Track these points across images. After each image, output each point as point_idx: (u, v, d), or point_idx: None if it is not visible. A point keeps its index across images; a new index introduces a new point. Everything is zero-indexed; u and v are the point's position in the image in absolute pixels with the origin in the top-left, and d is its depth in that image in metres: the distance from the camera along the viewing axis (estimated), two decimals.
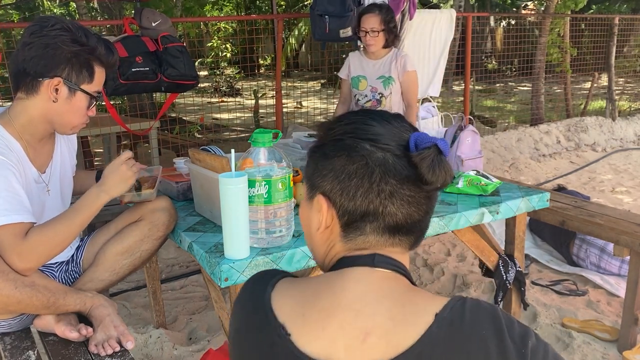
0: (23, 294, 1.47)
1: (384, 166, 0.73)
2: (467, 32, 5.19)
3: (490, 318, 0.68)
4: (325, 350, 0.69)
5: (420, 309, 0.69)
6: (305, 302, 0.74)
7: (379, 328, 0.68)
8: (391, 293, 0.71)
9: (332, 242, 0.80)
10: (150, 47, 3.18)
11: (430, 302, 0.70)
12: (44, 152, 1.68)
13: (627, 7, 12.17)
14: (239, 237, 1.50)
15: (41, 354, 1.55)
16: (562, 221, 2.64)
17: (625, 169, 5.70)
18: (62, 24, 1.52)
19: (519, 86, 11.18)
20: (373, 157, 0.73)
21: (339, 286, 0.73)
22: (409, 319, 0.68)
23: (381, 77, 3.09)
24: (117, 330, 1.54)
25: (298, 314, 0.72)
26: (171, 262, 3.42)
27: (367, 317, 0.69)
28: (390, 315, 0.68)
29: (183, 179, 2.10)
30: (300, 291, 0.76)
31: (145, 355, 2.33)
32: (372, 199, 0.74)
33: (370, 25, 2.94)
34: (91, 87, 1.58)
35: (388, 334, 0.67)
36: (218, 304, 1.86)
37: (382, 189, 0.73)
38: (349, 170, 0.74)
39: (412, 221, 0.76)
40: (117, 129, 4.13)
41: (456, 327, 0.66)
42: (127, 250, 1.73)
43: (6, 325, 1.62)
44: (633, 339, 2.35)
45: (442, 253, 3.52)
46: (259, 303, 0.76)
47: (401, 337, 0.67)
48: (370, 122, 0.77)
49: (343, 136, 0.77)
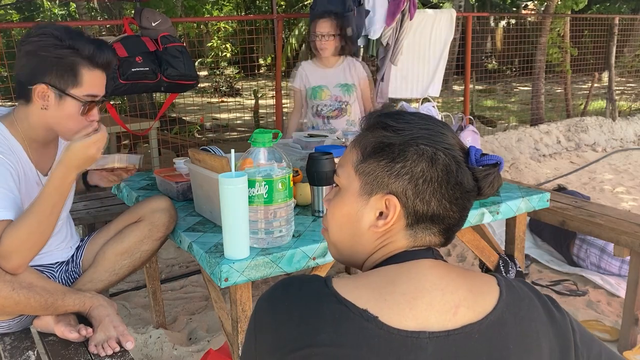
0: (21, 296, 1.46)
1: (457, 177, 0.81)
2: (467, 32, 5.19)
3: (524, 284, 0.84)
4: (419, 325, 0.73)
5: (484, 282, 0.80)
6: (381, 289, 0.76)
7: (465, 300, 0.76)
8: (459, 273, 0.80)
9: (389, 239, 0.84)
10: (150, 47, 3.18)
11: (487, 277, 0.82)
12: (46, 155, 1.68)
13: (627, 7, 12.17)
14: (238, 237, 1.50)
15: (41, 354, 1.55)
16: (562, 221, 2.64)
17: (626, 169, 5.70)
18: (48, 30, 1.50)
19: (519, 86, 11.17)
20: (450, 167, 0.81)
21: (415, 272, 0.78)
22: (482, 289, 0.79)
23: (341, 85, 3.02)
24: (117, 331, 1.54)
25: (379, 299, 0.74)
26: (171, 262, 3.42)
27: (452, 294, 0.76)
28: (469, 288, 0.78)
29: (183, 179, 2.10)
30: (370, 282, 0.78)
31: (145, 355, 2.33)
32: (445, 204, 0.82)
33: (323, 29, 2.87)
34: (81, 90, 1.54)
35: (473, 303, 0.76)
36: (218, 304, 1.86)
37: (452, 196, 0.82)
38: (429, 176, 0.80)
39: (460, 223, 0.86)
40: (117, 129, 4.13)
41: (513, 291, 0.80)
42: (127, 250, 1.73)
43: (5, 326, 1.62)
44: (633, 339, 2.35)
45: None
46: (330, 294, 0.75)
47: (483, 304, 0.77)
48: (443, 131, 0.83)
49: (420, 141, 0.81)
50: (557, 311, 0.82)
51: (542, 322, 0.79)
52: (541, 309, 0.81)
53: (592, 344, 0.84)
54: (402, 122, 0.83)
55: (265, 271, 1.55)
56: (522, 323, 0.77)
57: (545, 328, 0.79)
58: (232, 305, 1.65)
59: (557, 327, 0.80)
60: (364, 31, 3.80)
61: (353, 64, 3.04)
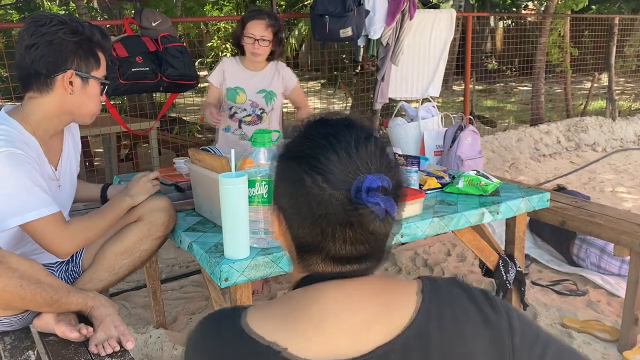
0: (27, 291, 1.47)
1: (329, 208, 0.71)
2: (467, 32, 5.19)
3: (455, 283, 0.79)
4: (330, 352, 0.70)
5: (403, 292, 0.75)
6: (289, 317, 0.73)
7: (377, 317, 0.72)
8: (372, 288, 0.75)
9: (294, 259, 0.80)
10: (150, 47, 3.18)
11: (407, 285, 0.77)
12: (54, 148, 1.70)
13: (627, 7, 12.17)
14: (239, 237, 1.50)
15: (41, 354, 1.55)
16: (562, 221, 2.64)
17: (626, 169, 5.70)
18: (57, 19, 1.56)
19: (519, 86, 11.17)
20: (320, 195, 0.71)
21: (321, 295, 0.74)
22: (399, 301, 0.74)
23: (262, 91, 2.75)
24: (118, 330, 1.54)
25: (287, 328, 0.71)
26: (171, 262, 3.42)
27: (361, 312, 0.72)
28: (382, 303, 0.73)
29: (183, 179, 2.10)
30: (279, 310, 0.75)
31: (145, 355, 2.33)
32: (315, 235, 0.74)
33: (260, 32, 2.60)
34: (99, 72, 1.65)
35: (387, 319, 0.72)
36: (218, 304, 1.86)
37: (323, 228, 0.73)
38: (297, 201, 0.74)
39: (359, 255, 0.75)
40: (117, 129, 4.13)
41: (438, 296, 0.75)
42: (127, 250, 1.74)
43: (7, 323, 1.62)
44: (633, 339, 2.35)
45: (442, 253, 3.52)
46: (236, 333, 0.73)
47: (398, 318, 0.72)
48: (329, 155, 0.72)
49: (299, 162, 0.74)
50: (493, 311, 0.76)
51: (473, 326, 0.74)
52: (473, 312, 0.75)
53: (535, 345, 0.77)
54: (292, 137, 0.77)
55: (265, 271, 1.55)
56: (447, 331, 0.72)
57: (477, 332, 0.74)
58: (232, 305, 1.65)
59: (492, 329, 0.75)
60: (364, 31, 3.81)
61: (282, 70, 2.80)
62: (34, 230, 1.54)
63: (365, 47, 3.97)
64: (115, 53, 3.05)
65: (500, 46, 14.49)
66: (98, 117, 1.82)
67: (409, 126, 3.52)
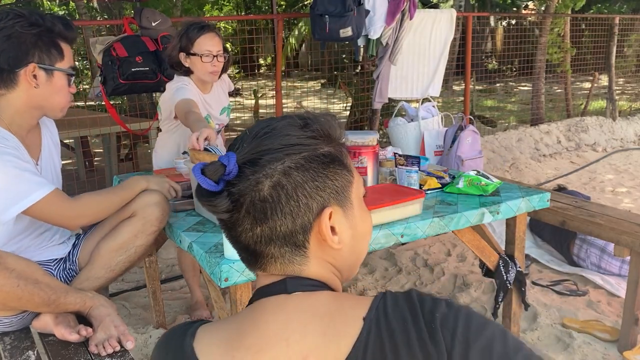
0: (24, 291, 1.47)
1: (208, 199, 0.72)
2: (467, 32, 5.18)
3: (407, 305, 0.68)
4: None
5: (349, 317, 0.68)
6: (231, 343, 0.70)
7: (315, 348, 0.67)
8: (314, 312, 0.69)
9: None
10: (150, 47, 3.18)
11: (357, 307, 0.69)
12: (33, 144, 1.69)
13: (627, 7, 12.17)
14: None
15: (41, 354, 1.55)
16: (563, 221, 2.64)
17: (626, 169, 5.70)
18: (14, 12, 1.54)
19: (519, 86, 11.17)
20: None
21: (261, 320, 0.70)
22: (340, 330, 0.67)
23: (223, 110, 2.54)
24: (118, 330, 1.54)
25: (229, 354, 0.69)
26: (171, 262, 3.42)
27: (299, 343, 0.67)
28: (322, 331, 0.67)
29: (183, 179, 2.10)
30: (224, 333, 0.73)
31: (145, 355, 2.33)
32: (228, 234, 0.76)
33: (216, 46, 2.29)
34: (64, 64, 1.62)
35: (324, 351, 0.66)
36: (218, 304, 1.86)
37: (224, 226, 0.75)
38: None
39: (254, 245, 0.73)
40: (117, 129, 4.13)
41: (383, 325, 0.66)
42: (122, 246, 1.73)
43: (7, 323, 1.62)
44: (633, 339, 2.35)
45: (443, 253, 3.52)
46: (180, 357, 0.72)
47: (336, 350, 0.66)
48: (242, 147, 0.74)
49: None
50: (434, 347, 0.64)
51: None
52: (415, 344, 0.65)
53: None
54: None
55: None
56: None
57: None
58: (232, 305, 1.64)
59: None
60: (364, 31, 3.80)
61: (223, 80, 2.55)
62: (37, 213, 1.54)
63: (365, 46, 3.97)
64: (115, 53, 3.05)
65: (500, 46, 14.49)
66: (98, 117, 1.82)
67: (409, 126, 3.52)
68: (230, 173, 0.70)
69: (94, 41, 3.25)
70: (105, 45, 3.10)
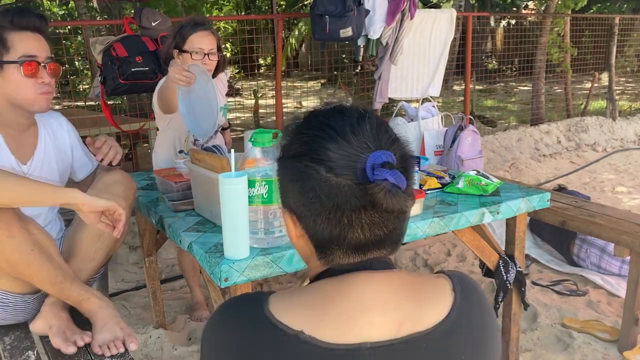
0: (36, 259, 1.46)
1: (339, 197, 0.71)
2: (467, 32, 5.18)
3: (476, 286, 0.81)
4: (359, 338, 0.70)
5: (436, 288, 0.76)
6: (315, 309, 0.72)
7: (410, 314, 0.72)
8: (403, 284, 0.75)
9: (311, 255, 0.80)
10: (150, 47, 3.18)
11: (438, 280, 0.78)
12: (26, 144, 1.69)
13: (628, 7, 12.17)
14: (238, 237, 1.50)
15: (41, 354, 1.55)
16: (563, 221, 2.64)
17: (626, 169, 5.70)
18: None
19: (519, 86, 11.17)
20: (328, 186, 0.71)
21: (353, 289, 0.73)
22: (432, 298, 0.74)
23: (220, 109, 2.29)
24: (124, 332, 1.54)
25: (314, 320, 0.71)
26: (171, 262, 3.42)
27: (395, 310, 0.72)
28: (415, 299, 0.73)
29: (183, 179, 2.10)
30: (306, 300, 0.74)
31: (145, 355, 2.33)
32: (332, 227, 0.73)
33: (209, 45, 2.26)
34: (14, 55, 1.57)
35: (420, 317, 0.72)
36: (218, 304, 1.86)
37: (339, 219, 0.72)
38: (307, 197, 0.73)
39: (378, 239, 0.75)
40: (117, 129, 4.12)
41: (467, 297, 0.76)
42: (96, 233, 1.71)
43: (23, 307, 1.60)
44: (633, 339, 2.35)
45: (443, 253, 3.52)
46: (261, 320, 0.72)
47: (432, 315, 0.72)
48: (326, 144, 0.72)
49: (299, 158, 0.74)
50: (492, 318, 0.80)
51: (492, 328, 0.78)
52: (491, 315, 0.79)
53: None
54: (289, 135, 0.77)
55: (265, 271, 1.55)
56: (475, 330, 0.75)
57: (494, 334, 0.78)
58: None
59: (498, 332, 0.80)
60: (364, 31, 3.80)
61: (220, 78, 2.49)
62: None
63: (365, 47, 3.97)
64: (115, 53, 3.05)
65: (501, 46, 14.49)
66: (98, 117, 1.80)
67: (409, 126, 3.52)
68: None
69: (93, 41, 3.25)
70: (105, 45, 3.10)
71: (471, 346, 0.73)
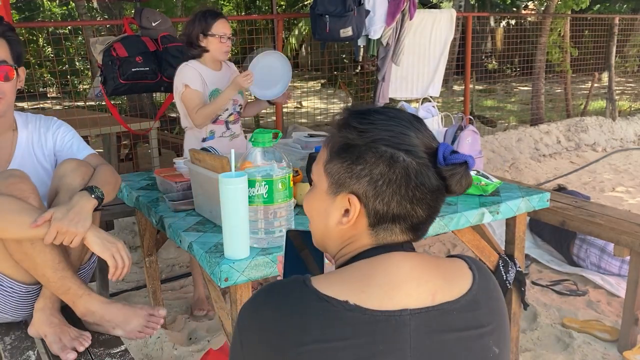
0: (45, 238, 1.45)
1: (419, 178, 0.82)
2: (467, 32, 5.19)
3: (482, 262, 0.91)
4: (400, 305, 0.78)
5: (457, 268, 0.86)
6: (358, 283, 0.79)
7: (440, 287, 0.81)
8: (430, 263, 0.84)
9: (356, 237, 0.86)
10: (150, 47, 3.19)
11: (457, 261, 0.88)
12: (2, 149, 1.68)
13: (628, 7, 12.17)
14: (239, 237, 1.50)
15: (41, 354, 1.55)
16: (563, 221, 2.64)
17: (626, 169, 5.70)
18: None
19: (519, 86, 11.17)
20: (411, 168, 0.81)
21: (389, 265, 0.82)
22: (455, 274, 0.85)
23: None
24: (144, 309, 1.59)
25: (357, 292, 0.78)
26: (171, 262, 3.42)
27: (428, 283, 0.81)
28: (442, 276, 0.83)
29: (183, 179, 2.10)
30: (346, 277, 0.81)
31: (145, 355, 2.33)
32: (405, 205, 0.83)
33: (227, 30, 2.63)
34: None
35: (449, 290, 0.82)
36: (218, 303, 1.86)
37: (414, 197, 0.82)
38: (387, 178, 0.81)
39: (429, 220, 0.87)
40: (117, 129, 4.12)
41: (483, 274, 0.87)
42: None
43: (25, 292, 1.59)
44: (633, 339, 2.35)
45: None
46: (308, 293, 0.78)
47: (458, 288, 0.83)
48: (406, 131, 0.83)
49: (381, 143, 0.82)
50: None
51: (503, 300, 0.89)
52: (500, 290, 0.90)
53: None
54: (365, 123, 0.84)
55: (265, 271, 1.55)
56: (492, 302, 0.86)
57: (504, 304, 0.89)
58: (232, 305, 1.64)
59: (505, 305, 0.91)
60: (364, 31, 3.81)
61: (230, 65, 2.81)
62: None
63: (365, 47, 3.97)
64: (115, 53, 3.05)
65: (500, 46, 14.49)
66: (98, 117, 1.79)
67: None
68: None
69: (94, 41, 3.25)
70: (106, 46, 3.10)
71: (490, 313, 0.84)
